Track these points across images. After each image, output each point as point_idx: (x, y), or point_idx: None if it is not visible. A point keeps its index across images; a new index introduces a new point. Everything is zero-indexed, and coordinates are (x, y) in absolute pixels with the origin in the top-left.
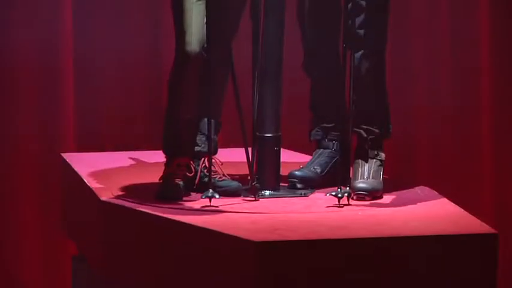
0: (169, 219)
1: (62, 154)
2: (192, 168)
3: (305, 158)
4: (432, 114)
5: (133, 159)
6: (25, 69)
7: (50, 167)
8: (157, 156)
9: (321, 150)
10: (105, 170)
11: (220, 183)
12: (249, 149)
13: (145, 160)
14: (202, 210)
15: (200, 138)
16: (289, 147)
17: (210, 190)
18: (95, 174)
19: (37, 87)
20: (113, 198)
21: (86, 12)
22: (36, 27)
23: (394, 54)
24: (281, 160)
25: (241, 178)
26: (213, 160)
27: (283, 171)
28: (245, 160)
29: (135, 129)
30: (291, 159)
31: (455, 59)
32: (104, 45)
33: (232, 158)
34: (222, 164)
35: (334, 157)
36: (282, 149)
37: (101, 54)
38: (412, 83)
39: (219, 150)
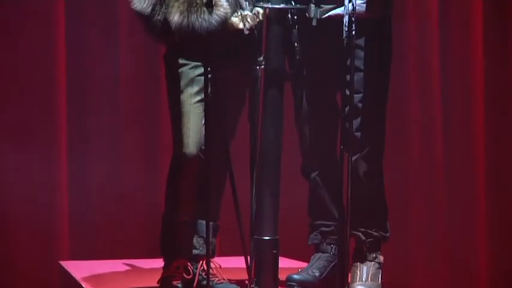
0: None
1: (60, 262)
2: (190, 270)
3: (303, 265)
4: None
5: (130, 265)
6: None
7: (48, 275)
8: (154, 263)
9: (320, 254)
10: (103, 277)
11: (218, 286)
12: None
13: (143, 267)
14: None
15: (198, 241)
16: (288, 251)
17: None
18: (93, 281)
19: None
20: None
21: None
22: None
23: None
24: (279, 265)
25: (239, 281)
26: (212, 263)
27: (282, 276)
28: (243, 263)
29: (131, 236)
30: (289, 265)
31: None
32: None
33: (230, 262)
34: (220, 267)
35: (333, 261)
36: (280, 257)
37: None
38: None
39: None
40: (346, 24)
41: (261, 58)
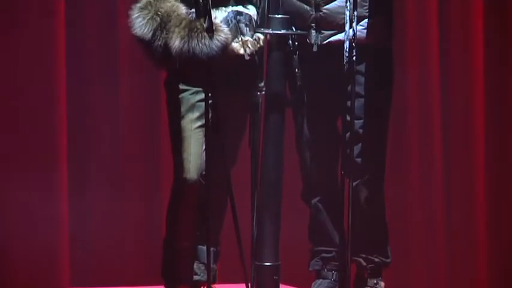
0: None
1: None
2: None
3: None
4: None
5: None
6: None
7: None
8: None
9: (321, 280)
10: None
11: None
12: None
13: None
14: None
15: (199, 267)
16: (288, 277)
17: None
18: None
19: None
20: None
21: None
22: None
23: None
24: None
25: None
26: None
27: None
28: None
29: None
30: None
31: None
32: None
33: None
34: None
35: (334, 287)
36: (281, 283)
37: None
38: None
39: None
40: (347, 50)
41: (262, 84)
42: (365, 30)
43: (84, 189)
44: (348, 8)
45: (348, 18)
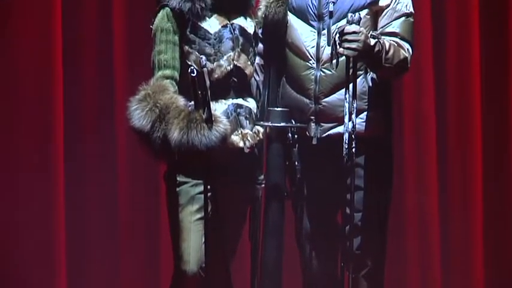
0: None
1: None
2: None
3: None
4: None
5: None
6: None
7: None
8: None
9: None
10: None
11: None
12: None
13: None
14: None
15: None
16: None
17: None
18: None
19: None
20: None
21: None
22: None
23: None
24: None
25: None
26: None
27: None
28: None
29: None
30: None
31: None
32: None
33: None
34: None
35: None
36: None
37: None
38: None
39: None
40: (346, 142)
41: (262, 177)
42: (364, 123)
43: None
44: (347, 100)
45: (347, 110)
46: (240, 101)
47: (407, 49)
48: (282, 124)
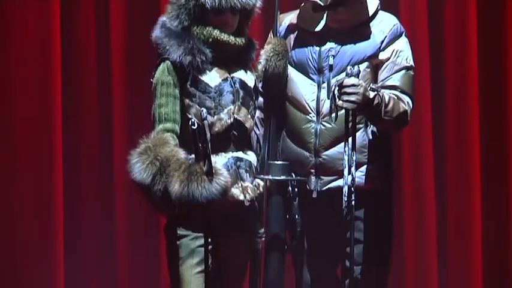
0: None
1: None
2: None
3: None
4: None
5: None
6: None
7: None
8: None
9: None
10: None
11: None
12: None
13: None
14: None
15: None
16: None
17: None
18: None
19: None
20: None
21: None
22: None
23: None
24: None
25: None
26: None
27: None
28: None
29: None
30: None
31: None
32: None
33: None
34: None
35: None
36: None
37: None
38: None
39: None
40: (346, 195)
41: (262, 230)
42: (364, 176)
43: None
44: (347, 153)
45: (346, 163)
46: (240, 154)
47: (408, 102)
48: (282, 177)
